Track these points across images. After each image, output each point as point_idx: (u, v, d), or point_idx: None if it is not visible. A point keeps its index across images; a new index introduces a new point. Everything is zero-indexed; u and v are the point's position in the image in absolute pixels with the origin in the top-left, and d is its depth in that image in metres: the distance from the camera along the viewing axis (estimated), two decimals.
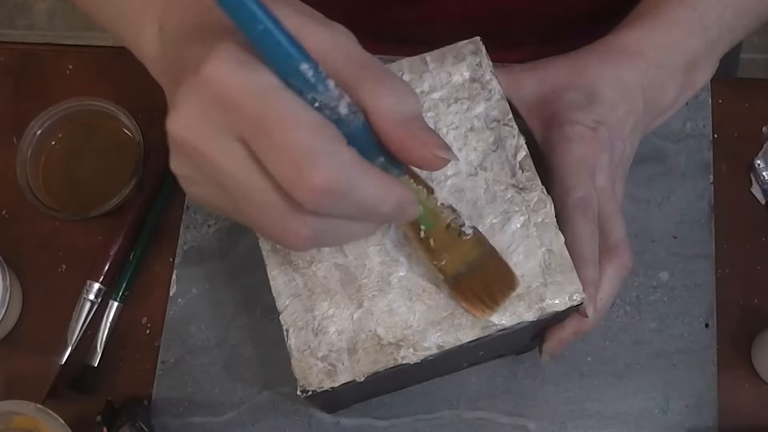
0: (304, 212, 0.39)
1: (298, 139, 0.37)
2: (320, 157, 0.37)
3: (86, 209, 0.71)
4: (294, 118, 0.37)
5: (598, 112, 0.56)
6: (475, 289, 0.49)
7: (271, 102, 0.37)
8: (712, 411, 0.67)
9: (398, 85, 0.40)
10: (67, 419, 0.62)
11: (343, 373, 0.49)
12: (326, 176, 0.37)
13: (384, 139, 0.40)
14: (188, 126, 0.39)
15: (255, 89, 0.37)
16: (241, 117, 0.37)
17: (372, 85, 0.40)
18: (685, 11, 0.59)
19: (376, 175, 0.40)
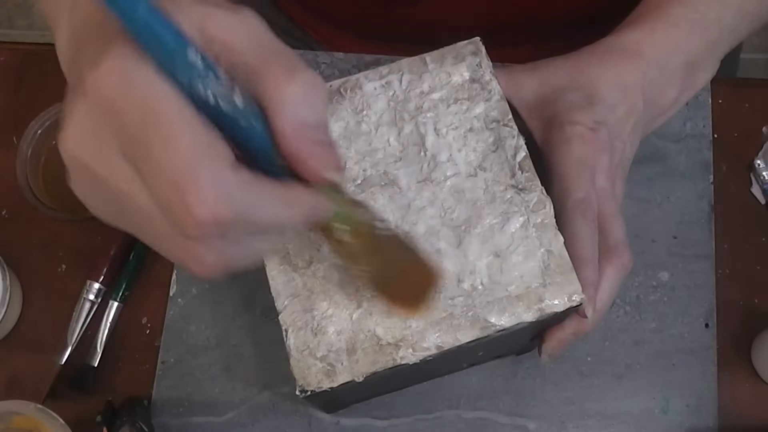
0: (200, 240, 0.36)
1: (179, 162, 0.34)
2: (203, 184, 0.34)
3: (86, 209, 0.71)
4: (175, 136, 0.34)
5: (598, 112, 0.56)
6: (399, 290, 0.48)
7: (153, 115, 0.34)
8: (712, 411, 0.67)
9: (306, 83, 0.37)
10: (67, 419, 0.62)
11: (342, 373, 0.49)
12: (211, 207, 0.34)
13: (277, 141, 0.37)
14: (77, 141, 0.36)
15: (138, 100, 0.34)
16: (123, 131, 0.34)
17: (277, 79, 0.37)
18: (686, 12, 0.59)
19: (273, 191, 0.37)
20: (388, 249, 0.46)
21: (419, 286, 0.48)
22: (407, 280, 0.48)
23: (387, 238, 0.46)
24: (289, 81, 0.37)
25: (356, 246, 0.44)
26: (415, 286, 0.48)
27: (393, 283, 0.48)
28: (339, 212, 0.42)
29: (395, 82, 0.54)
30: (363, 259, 0.45)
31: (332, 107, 0.54)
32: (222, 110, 0.36)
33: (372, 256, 0.45)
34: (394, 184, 0.52)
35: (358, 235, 0.44)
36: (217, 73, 0.36)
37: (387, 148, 0.53)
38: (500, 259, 0.50)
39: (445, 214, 0.51)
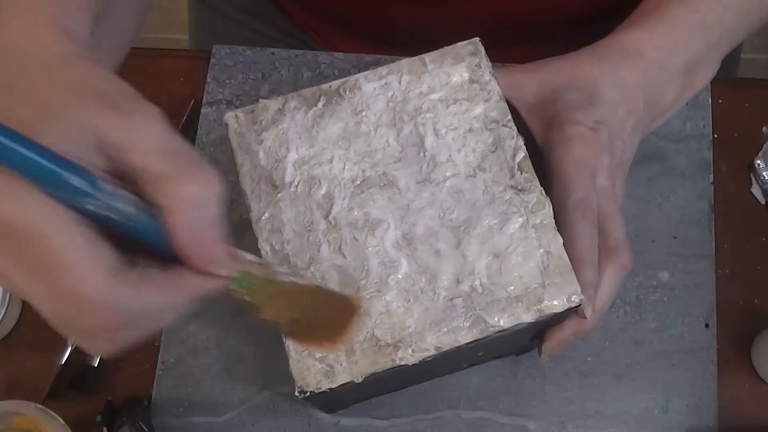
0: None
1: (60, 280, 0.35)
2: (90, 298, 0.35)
3: None
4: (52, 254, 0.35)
5: (598, 112, 0.56)
6: (313, 330, 0.47)
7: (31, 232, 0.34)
8: (712, 411, 0.67)
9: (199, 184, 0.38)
10: (67, 419, 0.62)
11: (342, 374, 0.49)
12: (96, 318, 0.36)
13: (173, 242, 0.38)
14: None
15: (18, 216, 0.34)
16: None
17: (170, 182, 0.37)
18: (686, 13, 0.59)
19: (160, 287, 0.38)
20: (296, 297, 0.46)
21: (338, 322, 0.47)
22: (324, 321, 0.47)
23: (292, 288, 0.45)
24: (183, 183, 0.37)
25: (255, 301, 0.44)
26: (334, 323, 0.47)
27: (308, 327, 0.47)
28: (235, 279, 0.42)
29: (394, 82, 0.54)
30: (263, 310, 0.45)
31: (331, 108, 0.54)
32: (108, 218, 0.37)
33: (279, 306, 0.45)
34: (393, 185, 0.52)
35: (259, 294, 0.44)
36: (97, 185, 0.36)
37: (386, 149, 0.53)
38: (499, 260, 0.50)
39: (444, 214, 0.51)
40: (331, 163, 0.53)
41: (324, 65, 0.76)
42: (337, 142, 0.53)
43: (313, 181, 0.53)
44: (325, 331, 0.47)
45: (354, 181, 0.52)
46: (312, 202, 0.52)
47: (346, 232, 0.51)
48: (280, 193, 0.52)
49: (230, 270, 0.41)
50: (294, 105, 0.54)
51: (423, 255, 0.51)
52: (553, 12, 0.76)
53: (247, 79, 0.76)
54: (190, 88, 0.76)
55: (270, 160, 0.53)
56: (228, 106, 0.75)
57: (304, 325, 0.47)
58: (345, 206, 0.52)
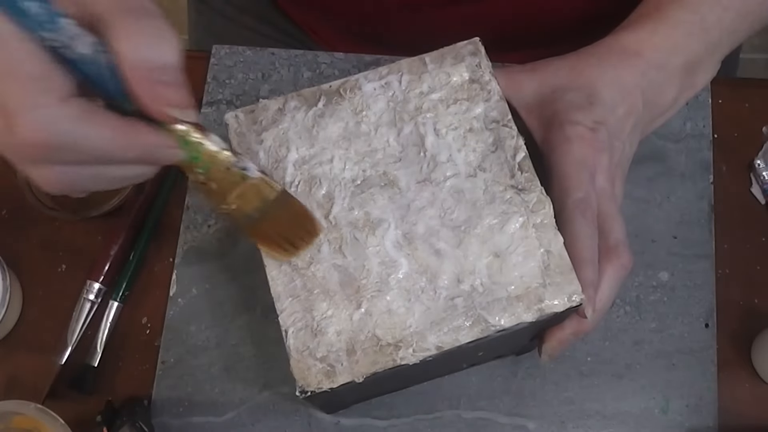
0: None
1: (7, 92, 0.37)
2: (29, 111, 0.37)
3: (86, 209, 0.71)
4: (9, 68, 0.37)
5: (597, 112, 0.56)
6: (271, 233, 0.49)
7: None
8: (712, 411, 0.67)
9: (155, 28, 0.41)
10: (67, 419, 0.62)
11: (342, 373, 0.49)
12: (33, 132, 0.38)
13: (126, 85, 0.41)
14: None
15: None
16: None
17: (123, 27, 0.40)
18: (686, 14, 0.59)
19: (106, 124, 0.40)
20: (256, 193, 0.48)
21: (292, 233, 0.50)
22: (278, 227, 0.50)
23: (255, 183, 0.48)
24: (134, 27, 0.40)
25: (216, 187, 0.47)
26: (287, 232, 0.50)
27: (264, 227, 0.49)
28: (194, 156, 0.45)
29: (395, 82, 0.54)
30: (229, 199, 0.47)
31: (331, 108, 0.54)
32: (68, 57, 0.40)
33: (239, 198, 0.48)
34: (393, 185, 0.52)
35: (216, 177, 0.47)
36: (60, 23, 0.39)
37: (386, 149, 0.53)
38: (500, 260, 0.50)
39: (444, 214, 0.51)
40: (331, 163, 0.53)
41: (324, 65, 0.76)
42: (338, 142, 0.53)
43: (313, 181, 0.53)
44: (281, 238, 0.50)
45: (354, 181, 0.52)
46: (312, 201, 0.52)
47: (346, 231, 0.51)
48: None
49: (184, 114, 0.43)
50: (294, 105, 0.54)
51: (423, 254, 0.51)
52: (553, 17, 0.76)
53: (247, 79, 0.76)
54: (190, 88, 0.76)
55: (270, 160, 0.53)
56: (228, 106, 0.75)
57: (263, 226, 0.49)
58: (345, 206, 0.52)
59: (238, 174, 0.47)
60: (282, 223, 0.50)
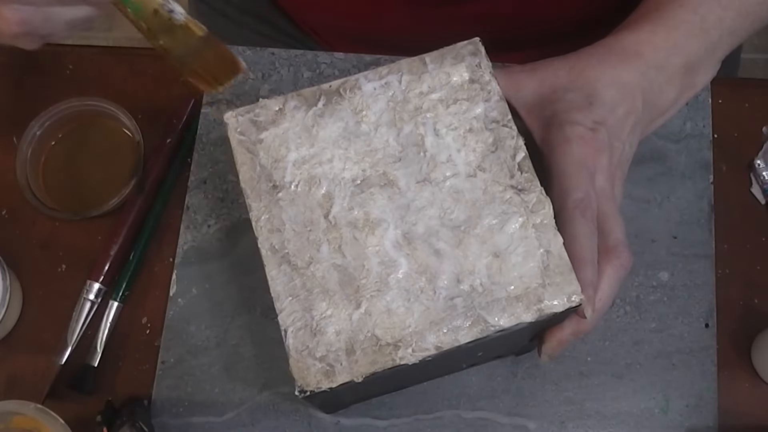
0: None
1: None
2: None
3: (86, 209, 0.71)
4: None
5: (597, 113, 0.56)
6: (198, 70, 0.55)
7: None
8: (712, 411, 0.67)
9: None
10: (67, 419, 0.62)
11: (342, 373, 0.49)
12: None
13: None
14: None
15: None
16: None
17: None
18: (686, 14, 0.59)
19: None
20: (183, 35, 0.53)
21: (218, 71, 0.56)
22: (205, 65, 0.55)
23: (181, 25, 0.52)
24: None
25: (146, 27, 0.52)
26: (213, 70, 0.55)
27: (192, 65, 0.55)
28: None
29: (395, 82, 0.54)
30: (159, 37, 0.52)
31: (331, 107, 0.54)
32: None
33: (168, 38, 0.53)
34: (393, 185, 0.52)
35: (145, 18, 0.51)
36: None
37: (386, 149, 0.53)
38: (499, 260, 0.50)
39: (444, 214, 0.51)
40: (331, 163, 0.53)
41: (324, 65, 0.76)
42: (337, 142, 0.53)
43: (313, 181, 0.53)
44: (209, 75, 0.56)
45: (354, 181, 0.52)
46: (312, 201, 0.52)
47: (346, 231, 0.51)
48: (280, 192, 0.52)
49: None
50: (294, 105, 0.54)
51: (423, 254, 0.51)
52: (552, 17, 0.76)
53: (247, 79, 0.76)
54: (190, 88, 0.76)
55: (270, 159, 0.53)
56: (228, 106, 0.75)
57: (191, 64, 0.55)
58: (345, 206, 0.52)
59: (166, 16, 0.51)
60: (208, 62, 0.55)
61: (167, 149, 0.73)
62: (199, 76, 0.55)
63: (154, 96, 0.76)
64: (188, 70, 0.55)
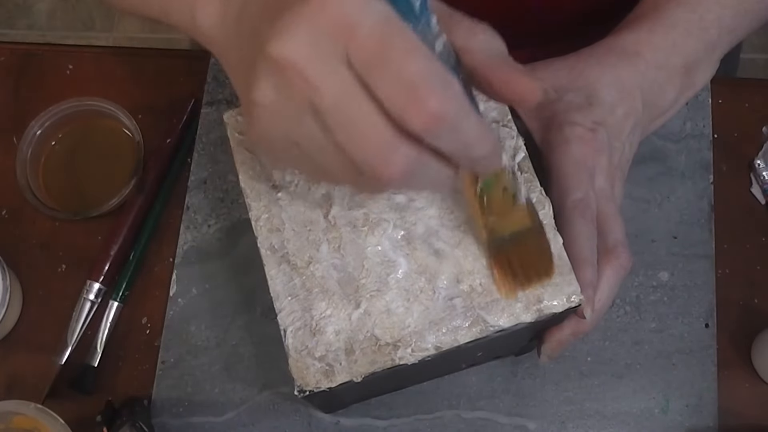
0: (405, 142, 0.39)
1: (416, 67, 0.37)
2: (437, 85, 0.37)
3: (86, 209, 0.71)
4: (413, 47, 0.37)
5: (597, 113, 0.56)
6: (513, 260, 0.49)
7: (390, 30, 0.37)
8: (712, 411, 0.67)
9: (487, 29, 0.45)
10: (67, 419, 0.62)
11: (341, 373, 0.49)
12: (441, 103, 0.37)
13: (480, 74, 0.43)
14: (296, 49, 0.38)
15: (374, 17, 0.37)
16: (358, 43, 0.37)
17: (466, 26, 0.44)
18: (684, 13, 0.59)
19: (478, 114, 0.41)
20: (517, 219, 0.49)
21: (531, 266, 0.49)
22: (522, 256, 0.49)
23: (519, 209, 0.49)
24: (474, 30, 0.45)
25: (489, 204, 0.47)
26: (528, 264, 0.49)
27: (508, 253, 0.49)
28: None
29: None
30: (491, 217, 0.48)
31: None
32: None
33: (500, 218, 0.48)
34: None
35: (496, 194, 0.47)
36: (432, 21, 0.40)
37: None
38: None
39: (444, 214, 0.51)
40: None
41: None
42: None
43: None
44: (519, 269, 0.49)
45: None
46: (312, 201, 0.52)
47: (345, 231, 0.51)
48: (279, 192, 0.52)
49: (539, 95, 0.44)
50: None
51: (423, 254, 0.51)
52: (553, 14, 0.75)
53: None
54: (190, 88, 0.76)
55: None
56: (228, 106, 0.75)
57: (508, 251, 0.49)
58: (345, 206, 0.52)
59: (510, 196, 0.48)
60: (526, 253, 0.49)
61: (167, 149, 0.73)
62: (507, 269, 0.49)
63: (154, 96, 0.76)
64: (501, 257, 0.49)
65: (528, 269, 0.49)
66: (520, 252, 0.49)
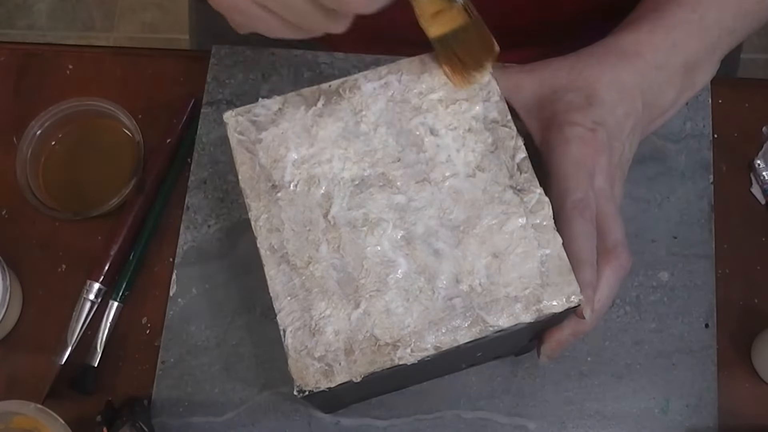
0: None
1: None
2: None
3: (86, 209, 0.71)
4: None
5: (597, 113, 0.56)
6: (459, 53, 0.52)
7: None
8: (712, 411, 0.67)
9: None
10: (67, 419, 0.62)
11: (340, 373, 0.49)
12: None
13: None
14: None
15: None
16: None
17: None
18: (684, 13, 0.59)
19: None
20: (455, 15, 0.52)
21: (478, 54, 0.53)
22: (468, 47, 0.53)
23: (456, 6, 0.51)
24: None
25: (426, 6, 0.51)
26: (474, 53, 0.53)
27: (454, 48, 0.53)
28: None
29: (394, 82, 0.54)
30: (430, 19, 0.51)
31: (331, 107, 0.54)
32: None
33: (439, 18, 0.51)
34: (392, 185, 0.52)
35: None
36: None
37: (385, 149, 0.53)
38: (499, 260, 0.50)
39: (443, 214, 0.51)
40: (330, 163, 0.53)
41: (324, 65, 0.76)
42: (337, 142, 0.53)
43: (312, 181, 0.53)
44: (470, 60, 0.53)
45: (353, 181, 0.52)
46: (311, 201, 0.52)
47: (345, 231, 0.51)
48: (279, 192, 0.52)
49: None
50: (294, 105, 0.54)
51: (422, 255, 0.51)
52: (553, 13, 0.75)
53: (247, 79, 0.76)
54: (190, 88, 0.76)
55: (269, 159, 0.53)
56: (228, 106, 0.75)
57: (450, 48, 0.53)
58: (344, 206, 0.52)
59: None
60: (470, 46, 0.52)
61: (167, 149, 0.73)
62: (455, 62, 0.53)
63: (154, 96, 0.76)
64: (447, 53, 0.53)
65: (475, 57, 0.53)
66: (464, 45, 0.52)
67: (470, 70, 0.53)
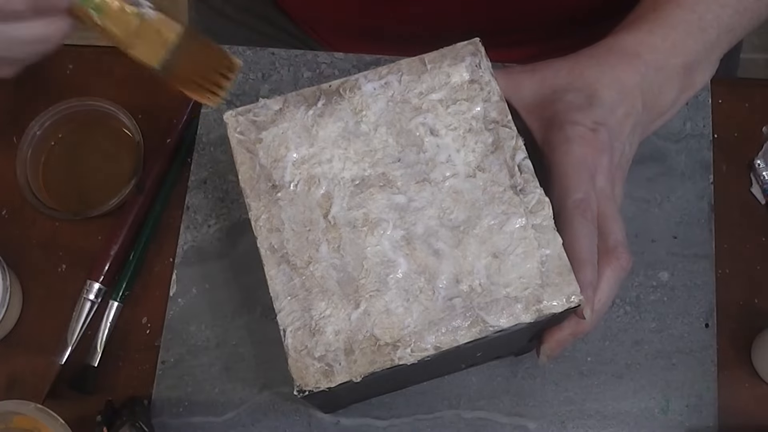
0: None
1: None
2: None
3: (86, 209, 0.71)
4: None
5: (597, 113, 0.56)
6: (190, 74, 0.48)
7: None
8: (712, 411, 0.67)
9: None
10: (67, 419, 0.62)
11: (340, 373, 0.49)
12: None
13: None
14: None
15: None
16: None
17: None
18: (683, 13, 0.59)
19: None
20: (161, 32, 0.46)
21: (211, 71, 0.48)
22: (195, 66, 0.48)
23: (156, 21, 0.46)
24: None
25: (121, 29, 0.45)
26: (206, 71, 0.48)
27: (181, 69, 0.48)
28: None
29: (394, 82, 0.54)
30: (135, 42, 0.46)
31: (331, 107, 0.54)
32: None
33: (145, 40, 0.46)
34: (392, 185, 0.52)
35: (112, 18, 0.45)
36: None
37: (386, 149, 0.53)
38: (499, 260, 0.50)
39: (443, 214, 0.51)
40: (330, 163, 0.53)
41: (324, 65, 0.76)
42: (337, 142, 0.53)
43: (312, 181, 0.53)
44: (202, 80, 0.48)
45: (353, 181, 0.52)
46: (311, 201, 0.52)
47: (345, 231, 0.51)
48: (279, 192, 0.52)
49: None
50: (294, 104, 0.54)
51: (422, 255, 0.51)
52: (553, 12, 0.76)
53: (247, 79, 0.76)
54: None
55: (269, 159, 0.53)
56: (228, 106, 0.74)
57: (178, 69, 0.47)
58: (344, 206, 0.52)
59: (134, 14, 0.45)
60: (197, 63, 0.48)
61: (167, 149, 0.73)
62: (190, 83, 0.49)
63: (154, 96, 0.76)
64: (178, 76, 0.49)
65: (209, 75, 0.48)
66: (189, 63, 0.48)
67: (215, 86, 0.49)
